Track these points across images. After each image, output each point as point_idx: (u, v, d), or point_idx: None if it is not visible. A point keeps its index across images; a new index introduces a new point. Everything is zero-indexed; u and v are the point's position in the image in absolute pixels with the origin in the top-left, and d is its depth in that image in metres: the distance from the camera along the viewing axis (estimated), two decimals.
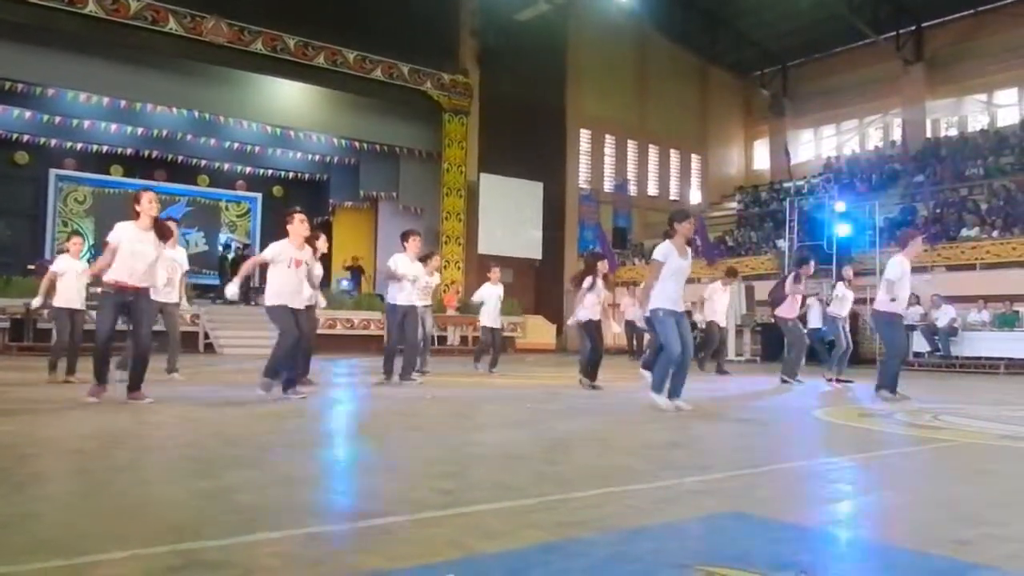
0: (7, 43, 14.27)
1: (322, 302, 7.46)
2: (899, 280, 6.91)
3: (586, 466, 3.56)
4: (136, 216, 5.69)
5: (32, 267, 14.62)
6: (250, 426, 4.71)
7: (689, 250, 6.06)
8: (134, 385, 5.72)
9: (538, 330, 19.48)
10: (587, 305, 7.94)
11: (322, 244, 7.06)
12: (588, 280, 7.96)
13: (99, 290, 5.92)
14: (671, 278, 5.80)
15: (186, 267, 8.21)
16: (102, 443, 3.88)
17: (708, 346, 11.74)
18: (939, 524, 2.48)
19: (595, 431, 4.86)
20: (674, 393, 5.79)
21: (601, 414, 5.86)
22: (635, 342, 15.45)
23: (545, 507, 2.56)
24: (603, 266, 8.33)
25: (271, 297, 6.30)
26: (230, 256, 18.28)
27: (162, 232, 5.79)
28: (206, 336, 15.08)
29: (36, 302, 7.54)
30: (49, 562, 1.82)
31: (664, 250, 5.79)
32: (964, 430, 5.23)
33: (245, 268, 6.71)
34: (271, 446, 3.92)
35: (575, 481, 3.08)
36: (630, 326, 14.83)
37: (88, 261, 8.51)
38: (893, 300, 6.99)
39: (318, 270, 6.87)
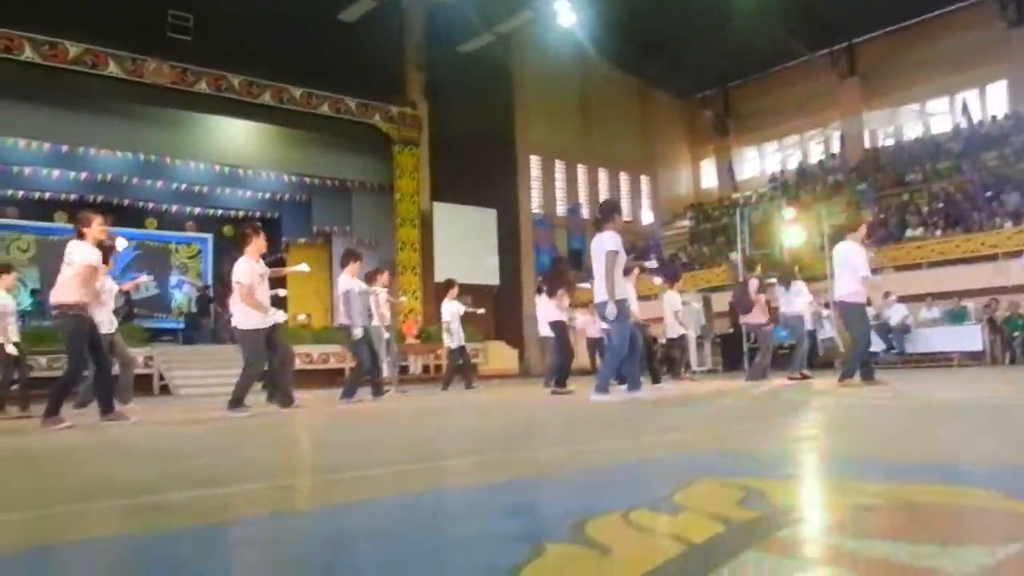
0: None
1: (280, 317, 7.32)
2: (858, 263, 7.02)
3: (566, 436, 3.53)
4: (80, 237, 5.66)
5: None
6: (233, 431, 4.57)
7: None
8: (107, 408, 5.71)
9: (500, 355, 19.40)
10: (557, 306, 8.02)
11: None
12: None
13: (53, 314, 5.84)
14: (620, 267, 5.87)
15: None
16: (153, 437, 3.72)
17: (683, 357, 11.86)
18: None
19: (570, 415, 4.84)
20: (632, 384, 5.81)
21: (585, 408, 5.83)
22: (599, 359, 15.43)
23: (525, 459, 2.53)
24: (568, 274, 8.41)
25: (245, 320, 6.23)
26: (192, 298, 18.00)
27: (105, 252, 5.78)
28: (161, 378, 14.70)
29: None
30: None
31: (619, 241, 5.84)
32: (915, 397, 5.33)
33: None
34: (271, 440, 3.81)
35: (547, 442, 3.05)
36: (593, 343, 14.83)
37: (30, 306, 8.30)
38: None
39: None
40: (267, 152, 18.13)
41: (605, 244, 5.95)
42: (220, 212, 20.00)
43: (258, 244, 6.53)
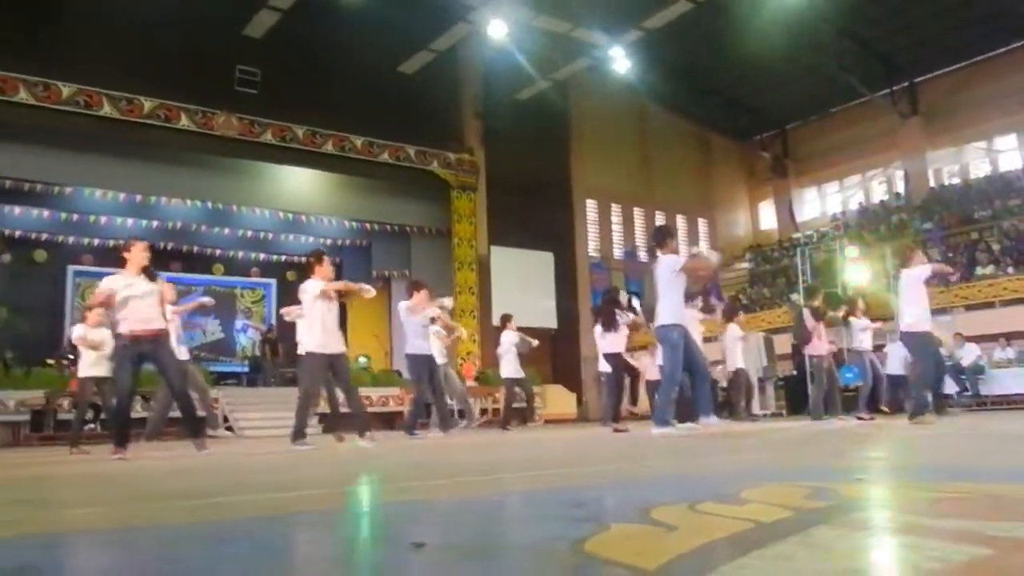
0: (27, 146, 14.72)
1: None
2: (919, 294, 6.86)
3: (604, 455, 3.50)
4: (123, 265, 5.81)
5: (51, 361, 14.71)
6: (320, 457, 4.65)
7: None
8: (195, 434, 5.77)
9: (558, 399, 19.28)
10: (609, 339, 7.98)
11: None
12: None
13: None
14: (680, 291, 5.81)
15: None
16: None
17: (739, 395, 11.63)
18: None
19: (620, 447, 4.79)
20: (703, 408, 5.70)
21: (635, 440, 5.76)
22: None
23: (587, 471, 2.52)
24: (622, 299, 8.39)
25: (305, 341, 6.28)
26: (256, 341, 18.46)
27: (150, 273, 5.85)
28: (225, 419, 14.98)
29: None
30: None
31: (675, 263, 5.79)
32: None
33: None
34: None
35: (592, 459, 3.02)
36: (652, 386, 14.65)
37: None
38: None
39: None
40: (329, 199, 18.61)
41: (667, 265, 5.94)
42: (284, 258, 20.50)
43: (322, 271, 6.58)
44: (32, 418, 12.95)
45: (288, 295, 19.78)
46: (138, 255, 5.84)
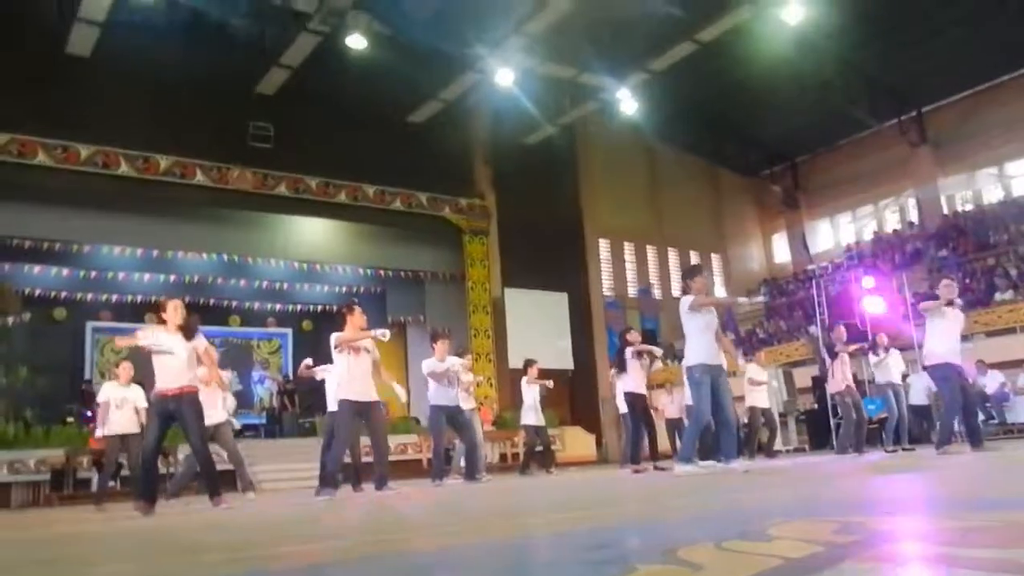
0: (45, 206, 14.96)
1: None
2: (941, 326, 6.81)
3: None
4: (154, 321, 5.96)
5: (70, 419, 14.78)
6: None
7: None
8: (213, 492, 5.79)
9: (577, 441, 19.09)
10: (624, 379, 7.95)
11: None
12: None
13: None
14: (706, 331, 5.78)
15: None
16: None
17: (752, 434, 11.48)
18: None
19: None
20: (726, 456, 5.64)
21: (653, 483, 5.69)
22: (679, 441, 15.05)
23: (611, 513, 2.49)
24: (633, 336, 8.37)
25: (340, 389, 6.30)
26: (273, 392, 18.51)
27: (187, 332, 5.92)
28: None
29: (98, 433, 7.60)
30: None
31: (690, 301, 5.79)
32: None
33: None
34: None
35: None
36: (672, 424, 14.50)
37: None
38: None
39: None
40: (343, 247, 18.76)
41: (682, 305, 5.94)
42: (299, 307, 20.64)
43: (354, 320, 6.60)
44: (52, 477, 12.95)
45: (304, 345, 19.97)
46: (172, 314, 5.94)
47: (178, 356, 5.79)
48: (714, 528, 1.99)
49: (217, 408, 7.87)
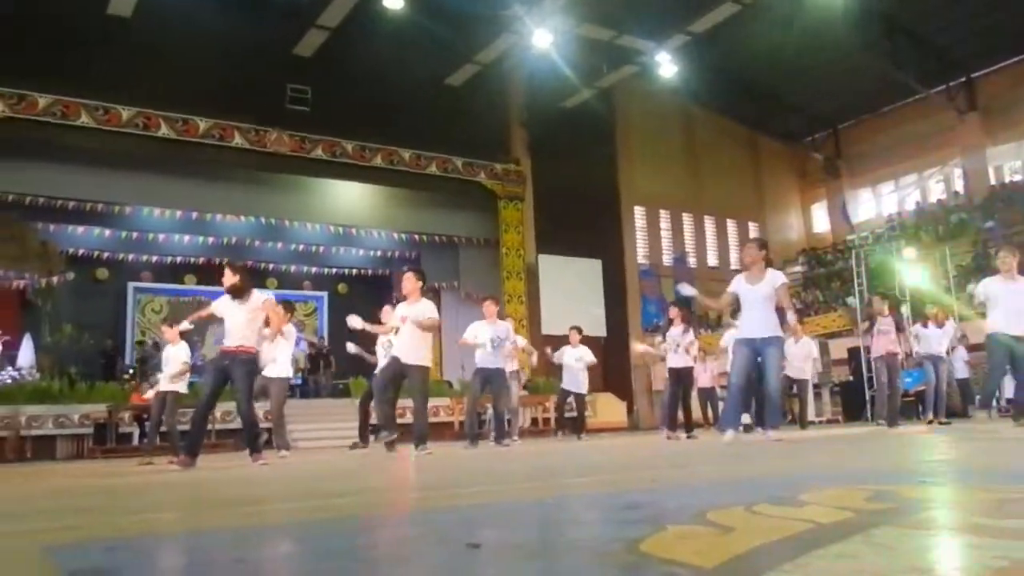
0: (88, 167, 15.22)
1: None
2: (989, 299, 6.76)
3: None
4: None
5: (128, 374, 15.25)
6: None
7: (767, 274, 6.01)
8: (253, 448, 5.98)
9: (608, 408, 19.13)
10: (666, 352, 8.05)
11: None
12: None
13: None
14: (744, 306, 5.79)
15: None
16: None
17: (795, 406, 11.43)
18: None
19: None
20: (761, 422, 5.66)
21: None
22: (712, 411, 14.99)
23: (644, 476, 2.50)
24: (673, 312, 8.39)
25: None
26: (308, 353, 18.80)
27: (236, 293, 6.08)
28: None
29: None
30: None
31: (733, 282, 5.81)
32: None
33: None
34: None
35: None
36: (704, 393, 14.44)
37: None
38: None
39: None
40: (378, 212, 18.84)
41: (778, 279, 5.96)
42: (335, 271, 20.83)
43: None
44: (95, 431, 13.35)
45: (339, 308, 20.17)
46: (227, 279, 6.18)
47: (234, 318, 6.04)
48: (745, 493, 1.99)
49: (278, 362, 7.95)
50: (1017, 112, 21.04)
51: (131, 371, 16.03)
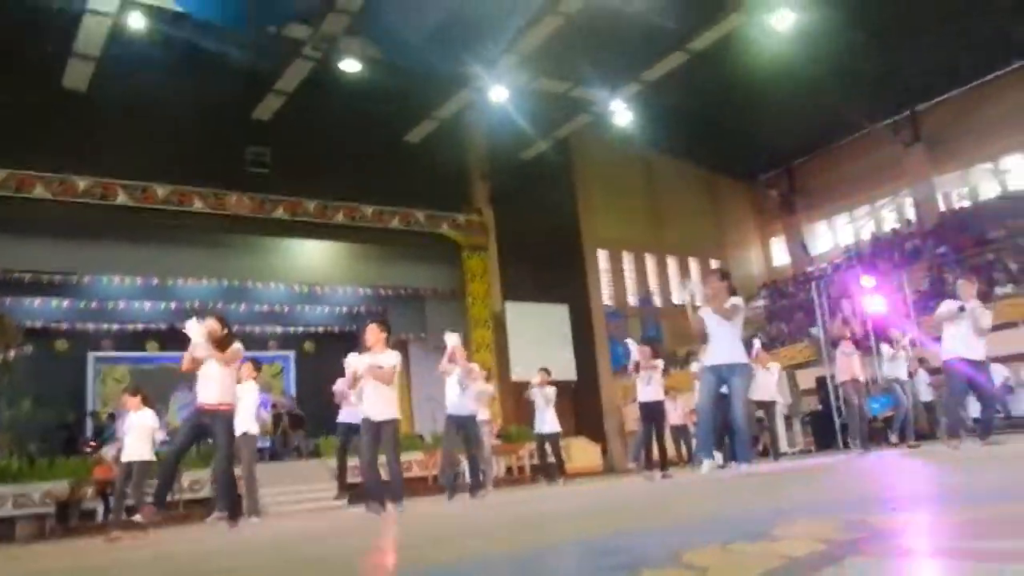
0: (45, 239, 15.06)
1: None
2: (945, 322, 6.92)
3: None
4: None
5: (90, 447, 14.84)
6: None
7: (733, 300, 6.10)
8: (231, 514, 5.88)
9: (582, 452, 19.05)
10: (639, 389, 8.09)
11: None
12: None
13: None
14: (710, 334, 5.88)
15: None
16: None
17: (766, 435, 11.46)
18: None
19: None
20: (733, 456, 5.69)
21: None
22: (686, 448, 14.98)
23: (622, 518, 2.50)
24: (642, 351, 8.45)
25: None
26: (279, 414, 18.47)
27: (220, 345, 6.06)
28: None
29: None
30: None
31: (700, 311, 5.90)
32: None
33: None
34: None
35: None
36: (676, 431, 14.45)
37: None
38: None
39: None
40: (342, 268, 18.79)
41: (737, 302, 6.04)
42: (300, 329, 20.63)
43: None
44: (57, 510, 12.92)
45: (306, 367, 19.96)
46: (216, 330, 6.17)
47: (211, 375, 6.00)
48: (720, 531, 2.00)
49: (243, 419, 7.79)
50: (959, 142, 21.77)
51: (92, 443, 15.62)
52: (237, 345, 6.47)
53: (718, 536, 1.83)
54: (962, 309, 7.13)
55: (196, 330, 6.34)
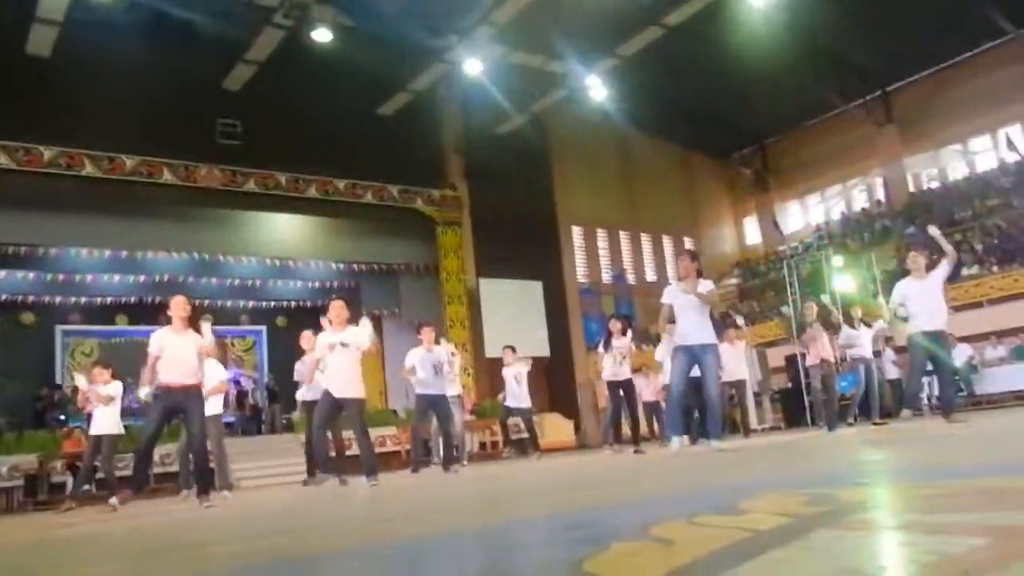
0: (10, 210, 14.70)
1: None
2: (907, 300, 7.01)
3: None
4: (169, 321, 6.00)
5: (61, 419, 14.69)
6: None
7: (701, 281, 6.16)
8: (202, 490, 5.85)
9: (555, 428, 19.17)
10: (606, 366, 8.10)
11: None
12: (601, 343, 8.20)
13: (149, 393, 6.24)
14: (679, 314, 5.90)
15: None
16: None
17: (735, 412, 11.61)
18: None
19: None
20: (704, 433, 5.77)
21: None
22: (658, 425, 15.13)
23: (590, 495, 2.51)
24: (613, 325, 8.49)
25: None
26: (249, 390, 18.37)
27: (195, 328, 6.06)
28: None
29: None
30: None
31: (665, 292, 5.92)
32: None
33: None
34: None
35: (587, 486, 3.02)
36: (649, 407, 14.58)
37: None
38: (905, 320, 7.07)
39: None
40: (315, 243, 18.62)
41: (707, 285, 6.13)
42: (272, 304, 20.46)
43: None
44: (25, 483, 12.79)
45: (278, 341, 19.83)
46: (177, 310, 6.04)
47: (183, 352, 5.94)
48: (688, 505, 2.02)
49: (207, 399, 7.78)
50: (929, 122, 22.01)
51: (61, 418, 15.44)
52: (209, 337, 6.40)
53: (685, 510, 1.85)
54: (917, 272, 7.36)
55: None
